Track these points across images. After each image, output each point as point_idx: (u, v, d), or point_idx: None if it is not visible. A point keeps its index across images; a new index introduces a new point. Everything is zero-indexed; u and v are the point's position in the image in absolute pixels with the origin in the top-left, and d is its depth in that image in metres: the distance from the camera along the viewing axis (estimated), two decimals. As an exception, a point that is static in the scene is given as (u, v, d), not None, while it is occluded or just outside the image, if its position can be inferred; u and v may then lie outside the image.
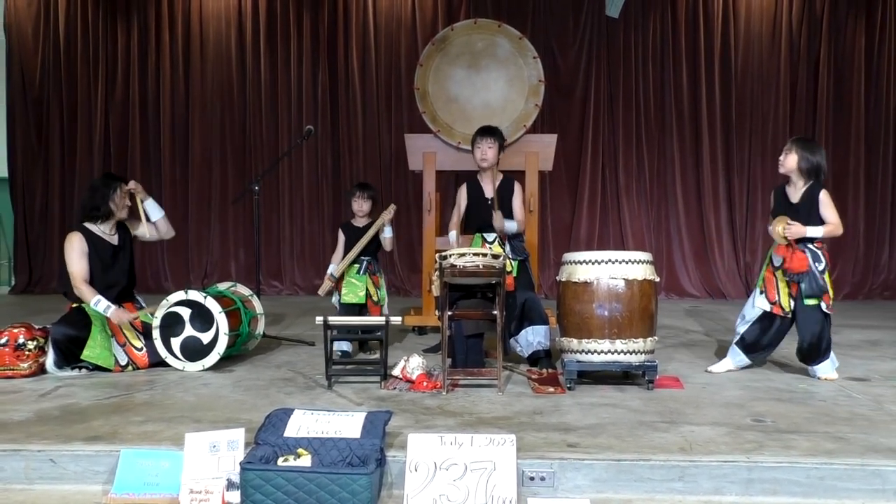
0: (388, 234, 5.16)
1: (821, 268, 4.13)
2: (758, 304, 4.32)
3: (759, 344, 4.34)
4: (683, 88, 9.46)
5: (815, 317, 4.14)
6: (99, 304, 4.41)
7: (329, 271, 5.15)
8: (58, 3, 10.11)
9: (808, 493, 2.72)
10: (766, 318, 4.30)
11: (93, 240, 4.59)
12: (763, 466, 2.75)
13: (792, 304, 4.21)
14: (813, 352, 4.20)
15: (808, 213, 4.16)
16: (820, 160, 4.21)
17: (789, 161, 4.24)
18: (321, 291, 5.21)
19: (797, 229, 4.09)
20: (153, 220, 4.84)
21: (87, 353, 4.36)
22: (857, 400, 3.73)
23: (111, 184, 4.66)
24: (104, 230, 4.66)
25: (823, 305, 4.13)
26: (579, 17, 9.55)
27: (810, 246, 4.14)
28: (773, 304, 4.26)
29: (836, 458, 2.77)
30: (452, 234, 4.98)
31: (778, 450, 2.85)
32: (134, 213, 4.81)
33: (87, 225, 4.63)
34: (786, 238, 4.12)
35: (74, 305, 4.58)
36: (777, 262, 4.23)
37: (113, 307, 4.44)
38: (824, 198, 4.16)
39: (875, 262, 9.41)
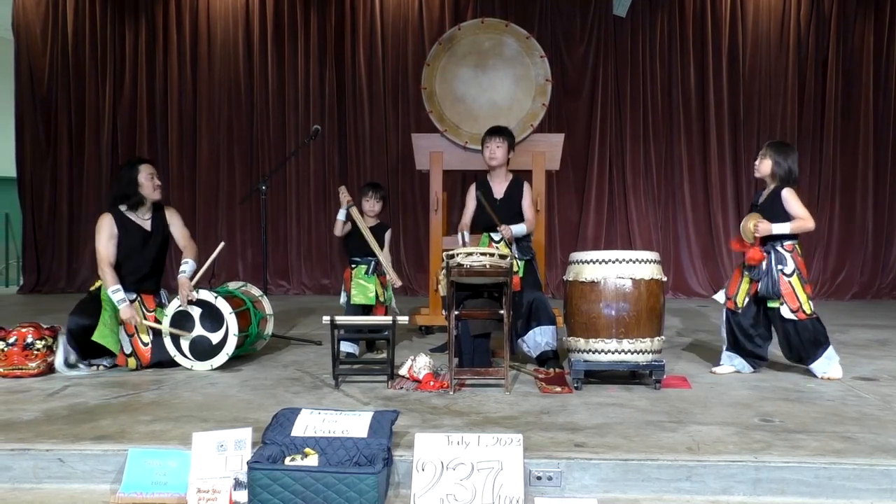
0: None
1: (787, 271, 4.12)
2: (716, 297, 4.45)
3: (739, 343, 4.33)
4: (691, 88, 9.45)
5: (780, 321, 4.18)
6: (115, 294, 4.38)
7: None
8: (66, 3, 10.17)
9: (817, 493, 2.71)
10: (729, 314, 4.35)
11: (124, 223, 4.56)
12: (771, 466, 2.74)
13: (746, 300, 4.27)
14: (798, 353, 4.23)
15: (769, 213, 4.19)
16: (791, 164, 4.24)
17: (763, 166, 4.29)
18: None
19: (764, 226, 4.13)
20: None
21: (95, 335, 4.31)
22: (865, 399, 3.71)
23: (136, 168, 4.57)
24: (139, 214, 4.63)
25: (785, 310, 4.12)
26: (586, 17, 9.55)
27: (777, 248, 4.16)
28: (728, 298, 4.33)
29: (844, 458, 2.76)
30: (463, 233, 4.98)
31: (786, 449, 2.84)
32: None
33: (121, 208, 4.59)
34: (755, 236, 4.16)
35: (92, 289, 4.57)
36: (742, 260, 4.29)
37: (126, 303, 4.39)
38: (787, 195, 4.18)
39: (883, 262, 9.36)
